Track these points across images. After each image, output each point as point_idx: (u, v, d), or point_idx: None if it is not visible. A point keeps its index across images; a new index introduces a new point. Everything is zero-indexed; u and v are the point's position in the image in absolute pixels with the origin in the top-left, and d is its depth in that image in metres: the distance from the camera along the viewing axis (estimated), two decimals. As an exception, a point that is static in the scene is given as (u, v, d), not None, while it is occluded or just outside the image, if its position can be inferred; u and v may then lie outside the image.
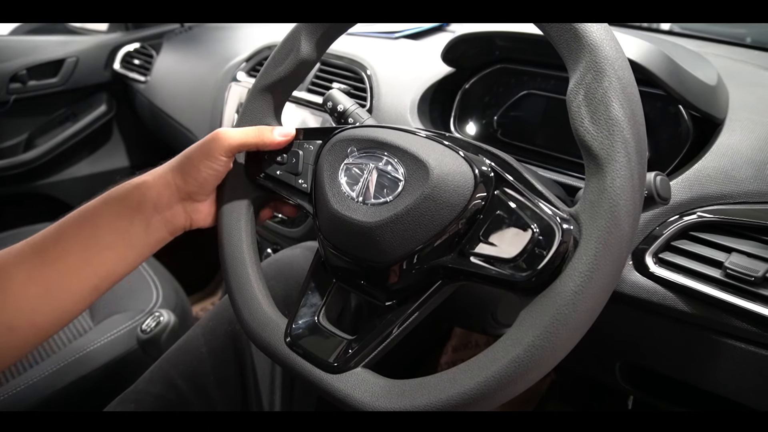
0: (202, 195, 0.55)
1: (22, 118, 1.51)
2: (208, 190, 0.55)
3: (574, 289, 0.36)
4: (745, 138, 0.58)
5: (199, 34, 1.51)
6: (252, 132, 0.54)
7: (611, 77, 0.38)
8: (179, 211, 0.54)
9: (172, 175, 0.53)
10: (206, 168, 0.53)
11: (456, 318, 0.85)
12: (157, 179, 0.53)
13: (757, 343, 0.53)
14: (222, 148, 0.52)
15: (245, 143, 0.53)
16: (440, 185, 0.43)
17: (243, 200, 0.57)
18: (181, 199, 0.54)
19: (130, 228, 0.52)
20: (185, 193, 0.54)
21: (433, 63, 0.80)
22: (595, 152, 0.38)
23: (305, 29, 0.54)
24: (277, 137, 0.54)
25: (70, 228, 0.51)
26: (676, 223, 0.56)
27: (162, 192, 0.53)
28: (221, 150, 0.52)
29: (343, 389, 0.44)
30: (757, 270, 0.50)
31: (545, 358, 0.37)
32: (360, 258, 0.47)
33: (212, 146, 0.52)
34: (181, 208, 0.54)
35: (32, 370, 0.82)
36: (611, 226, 0.36)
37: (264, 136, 0.54)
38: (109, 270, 0.51)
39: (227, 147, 0.52)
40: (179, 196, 0.54)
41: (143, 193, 0.52)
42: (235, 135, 0.53)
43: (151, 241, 0.54)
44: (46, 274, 0.49)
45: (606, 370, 0.71)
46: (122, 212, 0.52)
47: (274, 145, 0.55)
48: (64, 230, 0.51)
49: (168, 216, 0.54)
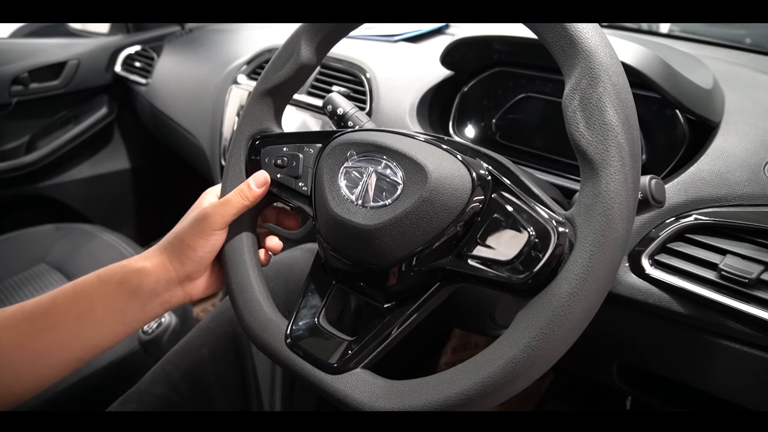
0: (201, 272, 0.55)
1: (24, 121, 1.52)
2: (206, 265, 0.55)
3: (570, 291, 0.37)
4: (740, 141, 0.59)
5: (200, 37, 1.52)
6: (234, 198, 0.53)
7: (606, 83, 0.38)
8: (177, 292, 0.54)
9: (169, 260, 0.53)
10: (202, 246, 0.53)
11: (455, 319, 0.86)
12: (155, 266, 0.53)
13: (752, 344, 0.54)
14: (215, 224, 0.52)
15: (233, 212, 0.53)
16: (438, 188, 0.43)
17: (244, 203, 0.57)
18: (179, 282, 0.54)
19: (126, 309, 0.52)
20: (183, 275, 0.54)
21: (432, 66, 0.81)
22: (590, 156, 0.38)
23: (305, 34, 0.55)
24: (256, 189, 0.54)
25: (64, 301, 0.50)
26: (672, 225, 0.56)
27: (160, 278, 0.52)
28: (215, 226, 0.53)
29: (342, 390, 0.45)
30: (751, 272, 0.51)
31: (541, 358, 0.38)
32: (359, 260, 0.47)
33: (204, 224, 0.52)
34: (180, 289, 0.54)
35: (34, 371, 0.83)
36: (606, 229, 0.37)
37: (247, 196, 0.54)
38: (98, 343, 0.51)
39: (220, 221, 0.53)
40: (177, 279, 0.53)
41: (141, 279, 0.52)
42: (222, 208, 0.53)
43: (145, 319, 0.54)
44: (35, 344, 0.48)
45: (603, 370, 0.72)
46: (119, 294, 0.51)
47: (258, 198, 0.55)
48: (57, 303, 0.50)
49: (166, 297, 0.54)
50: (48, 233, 1.22)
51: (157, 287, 0.52)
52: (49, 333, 0.49)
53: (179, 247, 0.53)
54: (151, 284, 0.52)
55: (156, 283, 0.52)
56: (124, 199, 1.76)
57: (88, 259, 1.12)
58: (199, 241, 0.53)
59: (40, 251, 1.16)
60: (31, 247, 1.17)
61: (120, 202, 1.76)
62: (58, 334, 0.49)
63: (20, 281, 1.05)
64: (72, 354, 0.50)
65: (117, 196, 1.75)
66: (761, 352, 0.54)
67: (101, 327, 0.51)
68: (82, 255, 1.13)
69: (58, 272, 1.09)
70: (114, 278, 0.52)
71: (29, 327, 0.49)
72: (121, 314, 0.52)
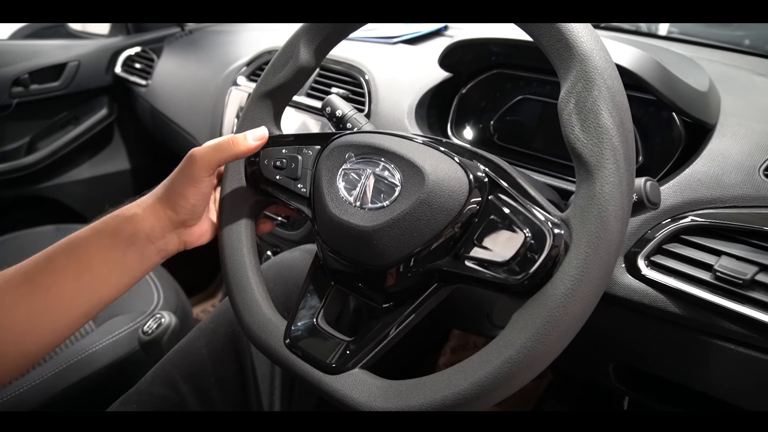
0: (195, 219, 0.55)
1: (25, 122, 1.52)
2: (199, 213, 0.55)
3: (565, 292, 0.38)
4: (735, 143, 0.59)
5: (200, 38, 1.53)
6: (226, 144, 0.53)
7: (601, 86, 0.39)
8: (172, 239, 0.55)
9: (161, 207, 0.53)
10: (193, 194, 0.53)
11: (453, 320, 0.86)
12: (147, 212, 0.53)
13: (746, 344, 0.54)
14: (202, 168, 0.52)
15: (222, 157, 0.53)
16: (436, 190, 0.44)
17: (243, 204, 0.58)
18: (174, 228, 0.54)
19: (124, 258, 0.52)
20: (177, 222, 0.54)
21: (431, 68, 0.81)
22: (585, 159, 0.39)
23: (304, 36, 0.55)
24: (251, 142, 0.54)
25: (60, 257, 0.51)
26: (668, 227, 0.57)
27: (155, 224, 0.53)
28: (201, 171, 0.52)
29: (341, 389, 0.45)
30: (746, 273, 0.51)
31: (537, 358, 0.38)
32: (358, 261, 0.48)
33: (192, 170, 0.52)
34: (175, 236, 0.55)
35: (35, 372, 0.83)
36: (600, 231, 0.38)
37: (239, 145, 0.53)
38: (101, 296, 0.52)
39: (207, 166, 0.52)
40: (172, 226, 0.54)
41: (135, 226, 0.52)
42: (211, 152, 0.52)
43: (144, 268, 0.54)
44: (36, 301, 0.49)
45: (600, 371, 0.73)
46: (115, 243, 0.52)
47: (250, 151, 0.54)
48: (54, 259, 0.50)
49: (161, 244, 0.54)
50: (48, 234, 1.22)
51: (152, 234, 0.53)
52: (49, 291, 0.49)
53: (171, 195, 0.53)
54: (146, 230, 0.52)
55: (151, 230, 0.53)
56: (124, 200, 1.77)
57: (88, 260, 1.12)
58: (189, 188, 0.53)
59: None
60: (31, 248, 1.16)
61: (120, 203, 1.76)
62: (58, 291, 0.50)
63: (21, 282, 1.05)
64: (76, 309, 0.50)
65: (117, 197, 1.74)
66: (756, 353, 0.54)
67: (101, 279, 0.51)
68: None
69: (58, 273, 1.09)
70: (108, 228, 0.52)
71: (29, 287, 0.49)
72: (119, 264, 0.52)
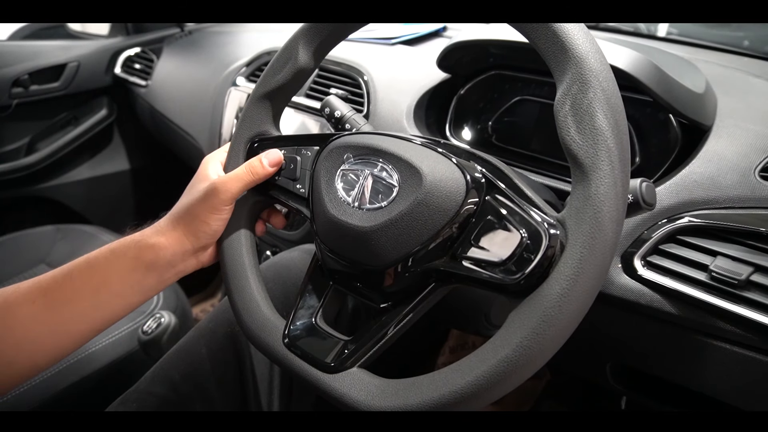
0: (213, 241, 0.57)
1: (24, 123, 1.53)
2: (218, 235, 0.57)
3: (560, 292, 0.38)
4: (731, 144, 0.60)
5: (199, 39, 1.53)
6: (245, 172, 0.55)
7: (596, 89, 0.39)
8: (191, 262, 0.56)
9: (184, 234, 0.54)
10: (214, 221, 0.55)
11: (451, 320, 0.86)
12: (171, 241, 0.54)
13: (742, 344, 0.55)
14: (226, 199, 0.54)
15: (243, 186, 0.55)
16: (433, 191, 0.44)
17: (242, 205, 0.58)
18: (193, 253, 0.56)
19: (143, 281, 0.53)
20: (199, 247, 0.56)
21: (429, 69, 0.82)
22: (580, 160, 0.39)
23: (303, 38, 0.56)
24: (268, 168, 0.56)
25: (80, 275, 0.52)
26: (664, 227, 0.57)
27: (176, 251, 0.54)
28: (225, 201, 0.54)
29: (339, 388, 0.46)
30: (741, 273, 0.52)
31: (533, 357, 0.39)
32: (356, 261, 0.48)
33: (216, 200, 0.54)
34: (194, 259, 0.56)
35: (35, 371, 0.84)
36: (595, 232, 0.38)
37: (257, 173, 0.55)
38: (115, 314, 0.53)
39: (230, 197, 0.54)
40: (192, 251, 0.55)
41: (157, 253, 0.53)
42: (233, 183, 0.54)
43: (161, 288, 0.55)
44: (53, 317, 0.50)
45: (597, 370, 0.73)
46: (136, 267, 0.53)
47: (268, 176, 0.56)
48: (74, 276, 0.52)
49: (180, 268, 0.56)
50: (48, 234, 1.22)
51: (174, 259, 0.54)
52: (66, 306, 0.50)
53: (193, 222, 0.54)
54: (167, 257, 0.54)
55: (172, 256, 0.54)
56: (123, 201, 1.77)
57: (88, 260, 1.12)
58: (212, 216, 0.54)
59: (40, 252, 1.16)
60: (31, 249, 1.18)
61: (120, 204, 1.76)
62: (75, 307, 0.51)
63: (20, 282, 1.06)
64: (90, 325, 0.52)
65: (117, 198, 1.75)
66: (751, 353, 0.54)
67: (118, 298, 0.53)
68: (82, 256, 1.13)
69: (58, 273, 1.10)
70: (129, 252, 0.53)
71: (46, 301, 0.50)
72: (138, 285, 0.53)
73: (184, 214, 0.55)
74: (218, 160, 0.59)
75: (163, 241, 0.54)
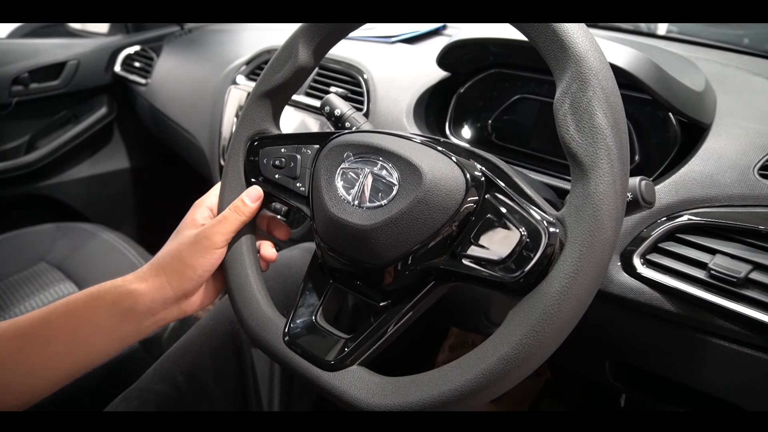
0: (198, 288, 0.55)
1: (24, 121, 1.53)
2: (204, 282, 0.55)
3: (559, 290, 0.38)
4: (730, 143, 0.60)
5: (199, 37, 1.53)
6: (231, 214, 0.54)
7: (595, 87, 0.39)
8: (173, 310, 0.54)
9: (167, 280, 0.53)
10: (202, 265, 0.53)
11: (451, 318, 0.87)
12: (151, 287, 0.52)
13: (740, 341, 0.55)
14: (218, 242, 0.53)
15: (232, 228, 0.54)
16: (433, 189, 0.44)
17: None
18: (175, 301, 0.54)
19: (120, 327, 0.52)
20: (181, 294, 0.54)
21: (429, 67, 0.82)
22: (579, 159, 0.39)
23: (303, 36, 0.56)
24: (251, 204, 0.55)
25: (57, 318, 0.50)
26: (663, 225, 0.57)
27: (156, 298, 0.52)
28: (217, 244, 0.53)
29: (339, 386, 0.46)
30: (740, 271, 0.52)
31: (532, 355, 0.39)
32: (356, 259, 0.48)
33: (207, 244, 0.53)
34: (176, 307, 0.55)
35: (36, 369, 0.84)
36: (594, 230, 0.38)
37: (243, 212, 0.55)
38: (90, 360, 0.51)
39: (222, 240, 0.54)
40: (174, 298, 0.53)
41: (136, 300, 0.52)
42: (224, 226, 0.54)
43: (139, 337, 0.53)
44: (27, 358, 0.49)
45: (596, 368, 0.73)
46: (113, 313, 0.51)
47: (254, 212, 0.56)
48: (51, 320, 0.50)
49: (161, 316, 0.54)
50: (48, 232, 1.22)
51: (153, 306, 0.52)
52: (41, 349, 0.49)
53: (179, 266, 0.53)
54: (146, 304, 0.52)
55: (152, 303, 0.52)
56: (123, 199, 1.77)
57: (88, 258, 1.13)
58: (200, 260, 0.53)
59: (40, 250, 1.17)
60: (31, 247, 1.18)
61: (120, 202, 1.76)
62: (50, 350, 0.49)
63: (21, 280, 1.06)
64: (64, 370, 0.50)
65: (117, 196, 1.75)
66: (750, 350, 0.55)
67: (94, 344, 0.51)
68: (82, 254, 1.14)
69: (58, 271, 1.10)
70: (108, 297, 0.51)
71: (21, 342, 0.49)
72: (115, 333, 0.52)
73: (169, 260, 0.53)
74: (207, 206, 0.58)
75: (144, 287, 0.52)
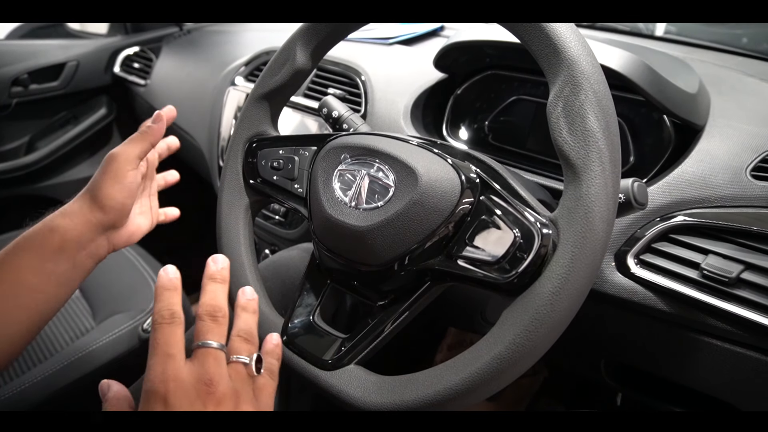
0: (123, 219, 0.56)
1: (24, 122, 1.53)
2: (128, 212, 0.56)
3: (552, 290, 0.39)
4: (723, 144, 0.60)
5: (198, 38, 1.53)
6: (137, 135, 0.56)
7: (587, 91, 0.40)
8: (102, 242, 0.56)
9: (89, 211, 0.54)
10: (119, 191, 0.54)
11: (449, 318, 0.87)
12: (75, 220, 0.53)
13: (732, 340, 0.55)
14: (125, 162, 0.54)
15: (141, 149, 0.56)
16: (428, 191, 0.45)
17: (241, 204, 0.59)
18: (103, 231, 0.55)
19: (56, 268, 0.52)
20: (107, 224, 0.55)
21: (426, 69, 0.82)
22: (572, 161, 0.40)
23: (300, 39, 0.56)
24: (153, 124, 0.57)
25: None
26: (657, 226, 0.58)
27: (83, 230, 0.53)
28: (125, 165, 0.54)
29: (336, 385, 0.46)
30: (732, 271, 0.52)
31: (525, 354, 0.39)
32: (353, 260, 0.49)
33: (115, 166, 0.54)
34: (104, 239, 0.56)
35: (35, 370, 0.84)
36: (586, 231, 0.39)
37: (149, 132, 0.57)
38: (41, 311, 0.52)
39: (128, 160, 0.54)
40: (102, 228, 0.55)
41: (63, 236, 0.52)
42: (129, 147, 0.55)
43: (78, 276, 0.54)
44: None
45: (591, 367, 0.74)
46: (45, 255, 0.52)
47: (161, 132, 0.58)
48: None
49: (92, 249, 0.55)
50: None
51: (82, 240, 0.53)
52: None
53: (97, 196, 0.54)
54: (74, 238, 0.53)
55: (80, 236, 0.53)
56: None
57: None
58: (116, 186, 0.54)
59: (40, 251, 1.17)
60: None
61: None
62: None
63: (21, 281, 1.07)
64: (18, 326, 0.51)
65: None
66: (742, 349, 0.55)
67: (38, 293, 0.51)
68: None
69: (58, 272, 1.10)
70: (36, 242, 0.52)
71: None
72: (53, 275, 0.52)
73: (87, 191, 0.55)
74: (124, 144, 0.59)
75: (68, 222, 0.53)
